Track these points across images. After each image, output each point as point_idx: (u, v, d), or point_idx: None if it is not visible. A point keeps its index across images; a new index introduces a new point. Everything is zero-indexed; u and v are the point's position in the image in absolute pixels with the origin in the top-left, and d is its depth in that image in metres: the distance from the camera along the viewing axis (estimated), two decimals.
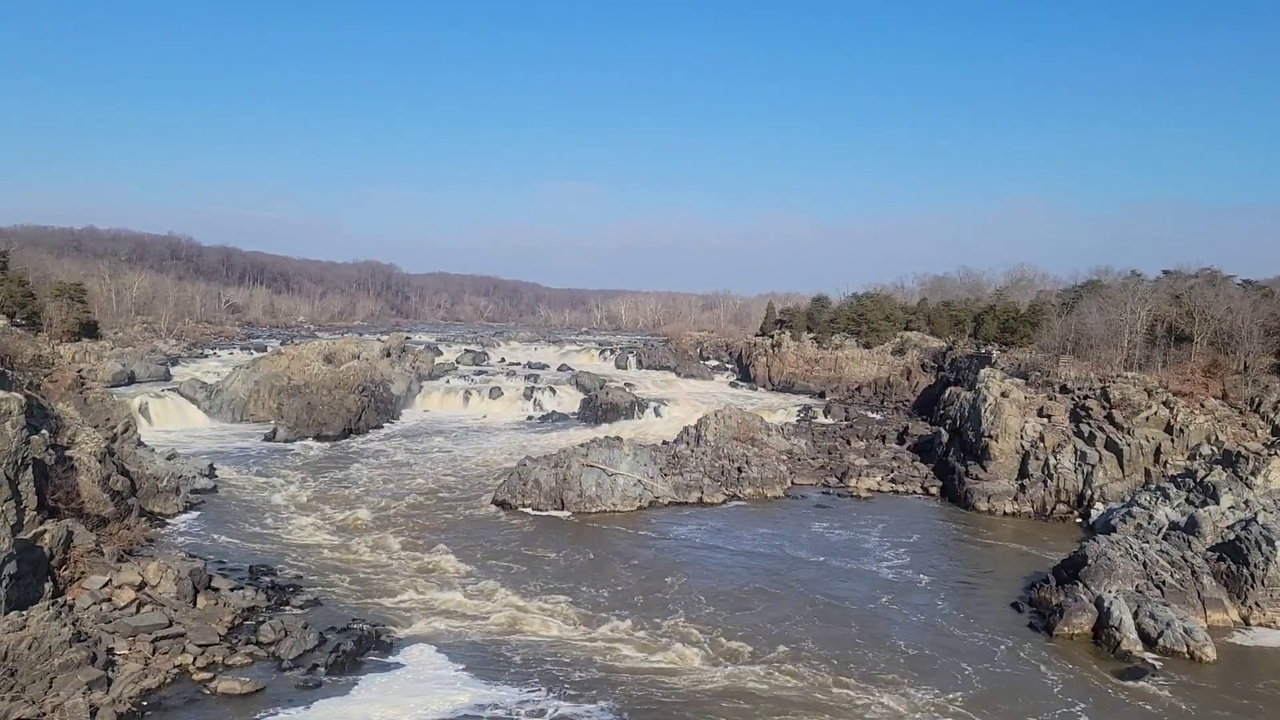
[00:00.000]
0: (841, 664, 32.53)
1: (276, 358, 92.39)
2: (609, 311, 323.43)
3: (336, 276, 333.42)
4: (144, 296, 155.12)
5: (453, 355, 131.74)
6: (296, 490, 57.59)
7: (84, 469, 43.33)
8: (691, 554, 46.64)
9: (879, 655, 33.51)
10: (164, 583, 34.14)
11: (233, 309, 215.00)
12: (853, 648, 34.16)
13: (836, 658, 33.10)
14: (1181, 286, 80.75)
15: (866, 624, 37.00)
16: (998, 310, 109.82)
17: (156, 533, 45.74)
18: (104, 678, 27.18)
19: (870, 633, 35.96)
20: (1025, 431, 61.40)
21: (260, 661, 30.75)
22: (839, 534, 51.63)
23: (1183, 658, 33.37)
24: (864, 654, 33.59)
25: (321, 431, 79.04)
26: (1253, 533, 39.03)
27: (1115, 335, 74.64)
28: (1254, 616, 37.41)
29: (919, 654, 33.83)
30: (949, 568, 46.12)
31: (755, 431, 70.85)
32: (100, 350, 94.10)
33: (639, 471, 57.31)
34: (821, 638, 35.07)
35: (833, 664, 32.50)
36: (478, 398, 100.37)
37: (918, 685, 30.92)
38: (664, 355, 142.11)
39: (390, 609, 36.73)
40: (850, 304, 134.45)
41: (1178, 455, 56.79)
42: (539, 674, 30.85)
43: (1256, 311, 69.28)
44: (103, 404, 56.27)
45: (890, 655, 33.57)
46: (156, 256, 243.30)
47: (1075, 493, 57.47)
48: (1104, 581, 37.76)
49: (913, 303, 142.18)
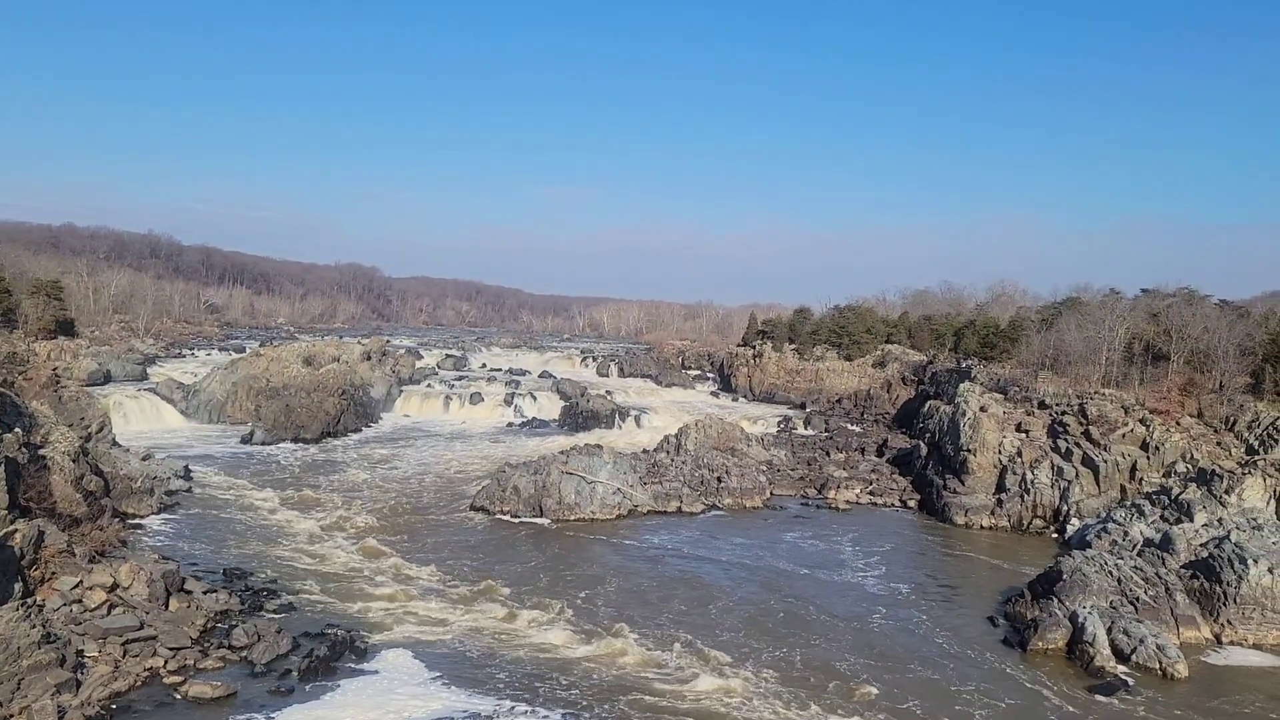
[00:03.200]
0: (813, 676, 32.57)
1: (255, 359, 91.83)
2: (591, 318, 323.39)
3: (318, 278, 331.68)
4: (122, 295, 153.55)
5: (433, 360, 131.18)
6: (273, 493, 57.19)
7: (57, 468, 42.83)
8: (670, 563, 46.58)
9: (852, 668, 33.56)
10: (136, 585, 33.79)
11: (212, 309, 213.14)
12: (825, 659, 34.20)
13: (809, 670, 33.14)
14: (1159, 305, 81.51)
15: (841, 636, 37.04)
16: (978, 325, 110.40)
17: (130, 534, 45.17)
18: (73, 680, 26.89)
19: (845, 645, 36.01)
20: (1003, 446, 61.73)
21: (233, 666, 30.49)
22: (817, 545, 51.71)
23: (1155, 674, 33.57)
24: (837, 666, 33.64)
25: (299, 434, 78.55)
26: (1226, 551, 39.36)
27: (1094, 352, 75.20)
28: (1226, 634, 37.71)
29: (893, 667, 33.90)
30: (925, 581, 46.26)
31: (735, 441, 70.94)
32: (76, 348, 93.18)
33: (619, 480, 57.24)
34: (795, 649, 35.09)
35: (804, 676, 32.54)
36: (458, 403, 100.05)
37: (891, 699, 31.00)
38: (646, 363, 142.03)
39: (365, 614, 36.50)
40: (832, 316, 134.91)
41: (1153, 472, 57.21)
42: (515, 681, 30.73)
43: (1232, 331, 69.93)
44: (78, 403, 55.77)
45: (864, 668, 33.63)
46: (135, 255, 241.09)
47: (1052, 508, 57.80)
48: (1079, 597, 37.98)
49: (894, 316, 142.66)
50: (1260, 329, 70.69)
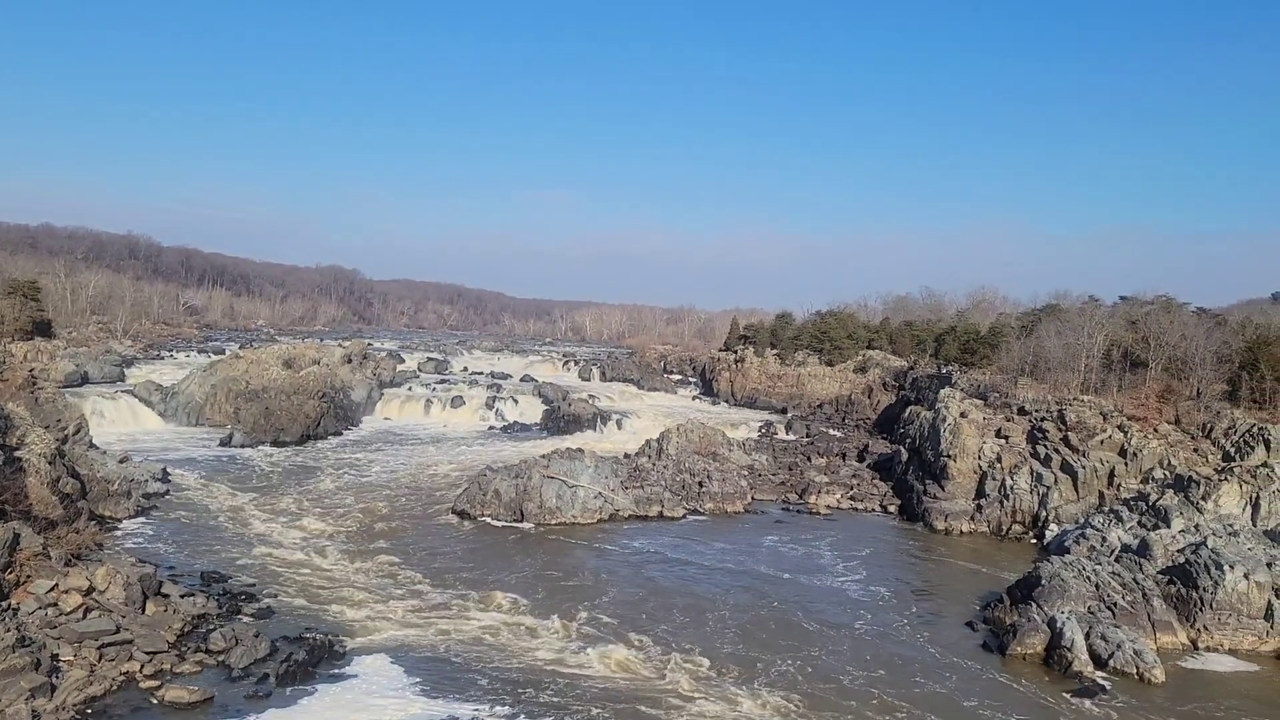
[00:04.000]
0: (791, 681, 32.61)
1: (235, 361, 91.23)
2: (574, 322, 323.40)
3: (298, 280, 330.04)
4: (100, 296, 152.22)
5: (415, 363, 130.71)
6: (251, 496, 56.81)
7: (33, 470, 42.46)
8: (652, 568, 46.54)
9: (830, 673, 33.63)
10: (112, 588, 33.48)
11: (191, 311, 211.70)
12: (804, 665, 34.24)
13: (787, 675, 33.16)
14: (1138, 312, 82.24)
15: (820, 641, 37.10)
16: (959, 331, 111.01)
17: (106, 537, 44.84)
18: (47, 684, 26.58)
19: (824, 650, 36.07)
20: (983, 452, 62.07)
21: (210, 670, 30.21)
22: (797, 550, 51.80)
23: (1132, 679, 33.80)
24: (815, 671, 33.68)
25: (279, 437, 78.06)
26: (1202, 556, 39.69)
27: (1073, 359, 75.72)
28: (1202, 640, 38.01)
29: (872, 672, 33.98)
30: (905, 586, 46.42)
31: (717, 446, 71.01)
32: (53, 350, 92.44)
33: (600, 484, 57.18)
34: (774, 655, 35.12)
35: (783, 681, 32.56)
36: (439, 406, 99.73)
37: (869, 703, 31.07)
38: (628, 368, 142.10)
39: (344, 618, 36.28)
40: (814, 321, 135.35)
41: (1131, 479, 57.63)
42: (495, 686, 30.61)
43: (1209, 339, 70.60)
44: (54, 404, 55.27)
45: (842, 673, 33.69)
46: (114, 256, 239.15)
47: (1031, 513, 58.15)
48: (1057, 602, 38.20)
49: (875, 321, 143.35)
50: (1237, 336, 71.39)
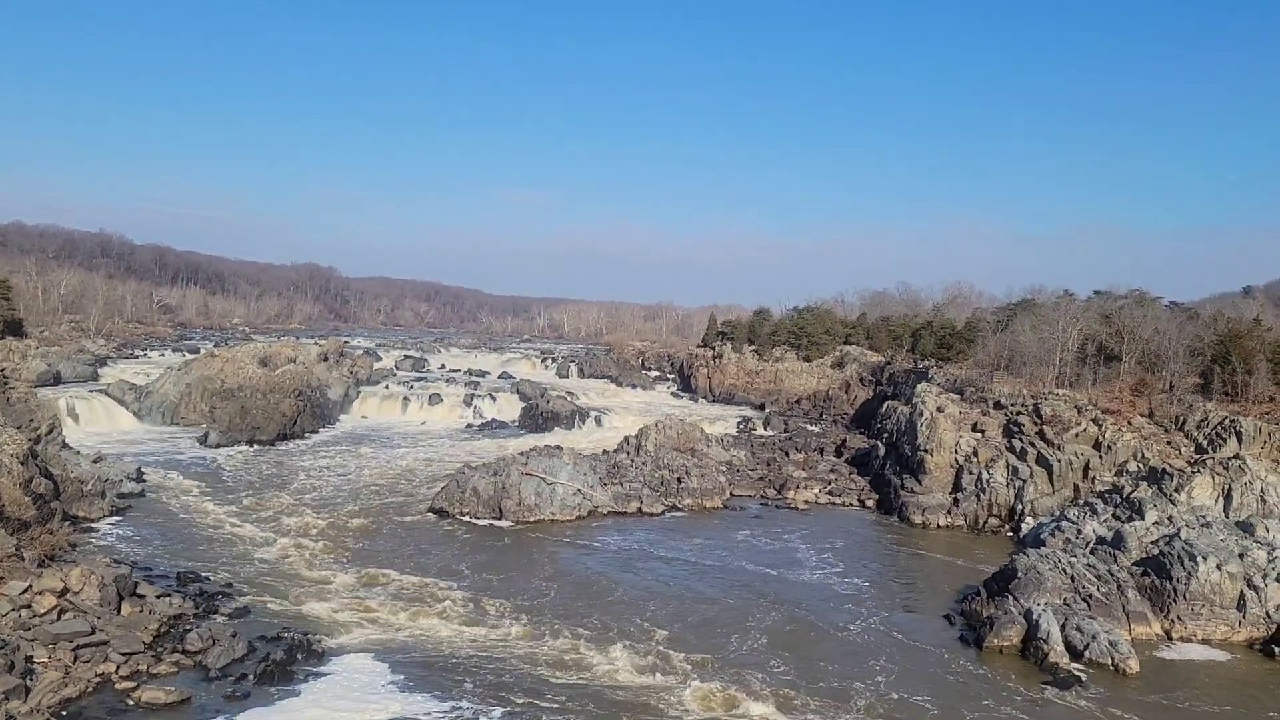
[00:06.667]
0: (768, 674, 32.75)
1: (210, 360, 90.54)
2: (551, 320, 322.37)
3: (274, 278, 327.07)
4: (72, 295, 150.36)
5: (392, 361, 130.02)
6: (227, 495, 56.39)
7: (5, 471, 41.95)
8: (631, 564, 46.60)
9: (807, 665, 33.78)
10: (87, 589, 33.14)
11: (165, 309, 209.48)
12: (781, 658, 34.38)
13: (764, 667, 33.30)
14: (1111, 307, 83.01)
15: (797, 634, 37.27)
16: (935, 326, 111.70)
17: (80, 538, 44.45)
18: (22, 686, 26.32)
19: (801, 643, 36.24)
20: (960, 446, 62.49)
21: (187, 671, 30.01)
22: (775, 545, 51.98)
23: (1107, 670, 34.14)
24: (792, 664, 33.82)
25: (255, 436, 77.46)
26: (1175, 548, 40.14)
27: (1048, 353, 76.36)
28: (1176, 630, 38.45)
29: (849, 665, 34.17)
30: (883, 580, 46.70)
31: (695, 442, 71.16)
32: (25, 349, 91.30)
33: (579, 481, 57.14)
34: (752, 648, 35.27)
35: (760, 673, 32.68)
36: (416, 404, 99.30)
37: (847, 696, 31.24)
38: (606, 365, 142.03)
39: (322, 617, 36.10)
40: (791, 317, 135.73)
41: (1106, 471, 58.19)
42: (473, 683, 30.56)
43: (1182, 333, 71.36)
44: (26, 404, 54.64)
45: (820, 665, 33.87)
46: (86, 254, 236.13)
47: (1007, 507, 58.60)
48: (1033, 595, 38.51)
49: (853, 317, 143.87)
50: (1209, 330, 72.19)
